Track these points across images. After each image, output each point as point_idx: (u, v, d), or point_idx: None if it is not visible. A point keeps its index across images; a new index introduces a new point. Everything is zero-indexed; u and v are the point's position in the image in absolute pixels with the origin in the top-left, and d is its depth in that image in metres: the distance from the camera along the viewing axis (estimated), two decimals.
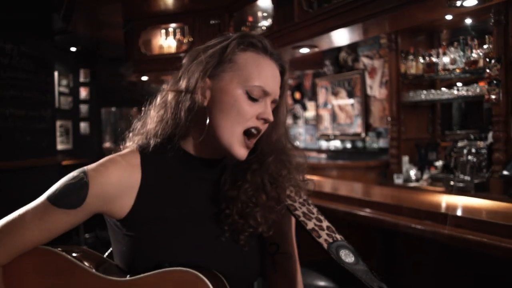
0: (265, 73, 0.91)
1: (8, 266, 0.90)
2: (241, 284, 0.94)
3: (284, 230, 1.01)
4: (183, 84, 0.92)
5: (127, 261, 0.90)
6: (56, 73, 5.99)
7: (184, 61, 0.96)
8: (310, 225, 0.92)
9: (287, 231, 1.02)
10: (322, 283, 1.90)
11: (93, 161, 0.92)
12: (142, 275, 0.86)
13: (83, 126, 7.01)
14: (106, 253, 1.05)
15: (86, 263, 0.90)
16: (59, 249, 0.92)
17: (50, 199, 0.88)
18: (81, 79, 7.00)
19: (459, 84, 3.84)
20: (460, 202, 1.98)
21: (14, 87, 4.48)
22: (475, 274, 1.68)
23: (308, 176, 1.02)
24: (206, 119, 0.90)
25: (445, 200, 2.05)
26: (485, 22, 3.50)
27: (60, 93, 6.59)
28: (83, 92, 7.04)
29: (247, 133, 0.90)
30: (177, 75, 0.96)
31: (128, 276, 0.88)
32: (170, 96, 0.94)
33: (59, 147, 6.10)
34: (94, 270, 0.89)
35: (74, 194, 0.87)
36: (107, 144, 7.35)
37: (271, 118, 0.91)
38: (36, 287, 0.90)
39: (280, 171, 0.95)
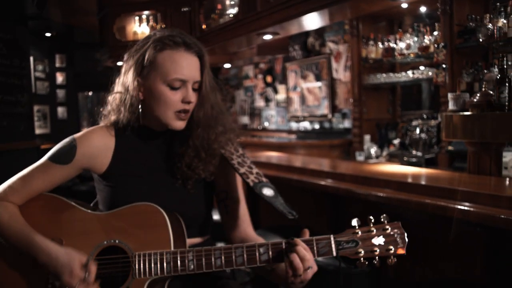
0: (180, 65, 1.17)
1: (23, 207, 1.21)
2: (192, 221, 1.24)
3: (230, 179, 1.32)
4: (121, 86, 1.23)
5: (107, 205, 1.23)
6: (31, 58, 6.06)
7: (123, 62, 1.26)
8: (242, 170, 1.23)
9: (233, 181, 1.32)
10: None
11: None
12: (117, 208, 1.18)
13: (61, 110, 7.13)
14: (92, 203, 1.36)
15: (78, 204, 1.23)
16: (62, 197, 1.24)
17: (49, 158, 1.21)
18: (57, 64, 7.08)
19: (421, 68, 4.15)
20: (392, 170, 2.29)
21: None
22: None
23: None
24: (146, 107, 1.21)
25: (381, 169, 2.36)
26: (437, 10, 3.80)
27: (37, 78, 6.67)
28: (60, 77, 7.13)
29: (178, 113, 1.19)
30: (120, 76, 1.26)
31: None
32: (117, 94, 1.25)
33: (37, 131, 6.22)
34: (83, 208, 1.21)
35: (67, 153, 1.20)
36: (84, 128, 7.47)
37: (192, 99, 1.19)
38: (41, 220, 1.20)
39: (212, 135, 1.24)
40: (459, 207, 1.58)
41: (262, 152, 3.95)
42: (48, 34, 6.70)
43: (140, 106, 1.21)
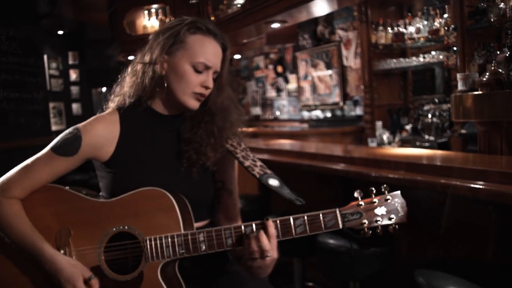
0: (207, 51, 1.20)
1: (24, 200, 1.19)
2: (196, 206, 1.24)
3: (228, 171, 1.35)
4: (147, 58, 1.23)
5: (110, 192, 1.22)
6: (45, 57, 6.16)
7: (150, 38, 1.27)
8: (247, 163, 1.26)
9: (231, 173, 1.35)
10: None
11: None
12: (123, 195, 1.18)
13: (75, 107, 7.24)
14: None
15: (82, 193, 1.22)
16: (65, 186, 1.23)
17: (53, 150, 1.18)
18: (70, 62, 7.17)
19: (433, 52, 4.10)
20: (402, 152, 2.29)
21: (5, 70, 4.67)
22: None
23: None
24: (165, 84, 1.21)
25: (391, 152, 2.36)
26: None
27: (51, 76, 6.78)
28: (73, 74, 7.23)
29: (195, 94, 1.21)
30: (143, 50, 1.26)
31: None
32: (138, 66, 1.25)
33: (53, 128, 6.34)
34: (88, 196, 1.21)
35: (71, 145, 1.17)
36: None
37: (211, 85, 1.21)
38: (47, 212, 1.20)
39: (224, 124, 1.27)
40: (470, 185, 1.59)
41: (275, 140, 3.97)
42: (60, 32, 6.79)
43: (158, 82, 1.22)
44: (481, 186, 1.55)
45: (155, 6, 4.38)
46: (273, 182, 1.21)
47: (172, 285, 1.16)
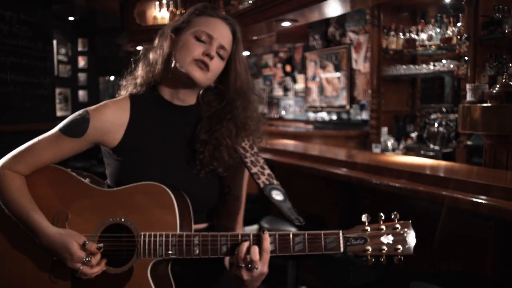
0: (211, 24, 1.19)
1: (28, 178, 1.19)
2: (199, 206, 1.21)
3: (237, 177, 1.30)
4: (158, 43, 1.24)
5: (115, 180, 1.20)
6: (55, 42, 6.16)
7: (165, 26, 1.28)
8: (254, 170, 1.20)
9: (240, 179, 1.31)
10: (288, 228, 2.21)
11: None
12: (123, 186, 1.16)
13: (82, 94, 7.25)
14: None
15: (85, 179, 1.21)
16: (68, 169, 1.22)
17: (61, 130, 1.18)
18: (79, 48, 7.18)
19: (444, 61, 4.05)
20: (405, 160, 2.26)
21: (14, 53, 4.66)
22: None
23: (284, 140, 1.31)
24: (172, 61, 1.19)
25: (394, 159, 2.33)
26: (462, 0, 3.70)
27: (59, 62, 6.79)
28: (82, 61, 7.24)
29: (197, 61, 1.17)
30: (157, 40, 1.26)
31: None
32: (150, 54, 1.24)
33: (58, 113, 6.34)
34: (90, 183, 1.20)
35: (79, 126, 1.17)
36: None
37: (213, 53, 1.17)
38: (48, 193, 1.20)
39: (246, 113, 1.23)
40: (472, 199, 1.56)
41: (278, 140, 3.94)
42: (71, 18, 6.80)
43: (166, 62, 1.21)
44: (483, 201, 1.52)
45: None
46: (277, 195, 1.16)
47: (161, 285, 1.13)
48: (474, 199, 1.55)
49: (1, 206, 1.16)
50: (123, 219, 1.14)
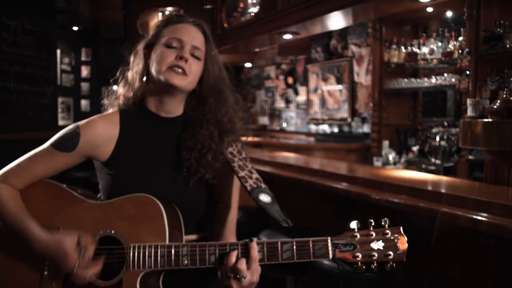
0: (180, 30, 1.22)
1: (22, 192, 1.21)
2: (190, 216, 1.22)
3: (227, 184, 1.31)
4: (133, 64, 1.28)
5: (107, 194, 1.21)
6: (58, 51, 6.20)
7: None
8: (242, 174, 1.21)
9: (229, 185, 1.31)
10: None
11: None
12: (115, 199, 1.17)
13: (84, 103, 7.26)
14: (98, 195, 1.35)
15: (77, 192, 1.22)
16: (62, 184, 1.23)
17: (52, 144, 1.20)
18: (83, 58, 7.21)
19: (446, 74, 4.05)
20: (406, 175, 2.24)
21: (18, 62, 4.68)
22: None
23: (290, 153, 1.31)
24: (151, 74, 1.22)
25: (395, 174, 2.31)
26: (463, 15, 3.71)
27: (62, 71, 6.82)
28: (84, 71, 7.27)
29: (172, 67, 1.18)
30: (132, 58, 1.30)
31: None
32: (128, 72, 1.28)
33: (60, 122, 6.35)
34: (82, 196, 1.21)
35: (70, 141, 1.19)
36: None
37: (185, 55, 1.18)
38: (40, 207, 1.20)
39: (221, 110, 1.24)
40: (472, 216, 1.53)
41: (279, 152, 3.93)
42: (75, 28, 6.85)
43: (146, 78, 1.24)
44: (483, 218, 1.50)
45: (169, 8, 4.39)
46: (264, 197, 1.16)
47: None
48: (475, 216, 1.52)
49: None
50: (113, 231, 1.14)
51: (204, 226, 1.31)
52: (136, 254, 1.10)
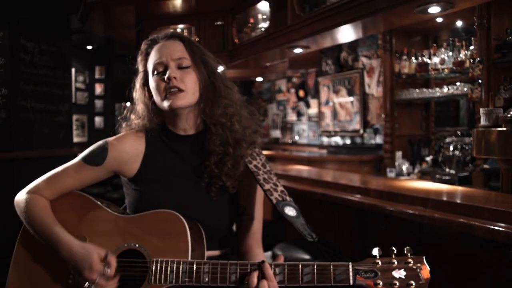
0: (157, 52, 1.25)
1: (52, 202, 1.26)
2: (214, 233, 1.23)
3: (251, 196, 1.33)
4: (136, 97, 1.33)
5: (134, 208, 1.25)
6: (73, 70, 6.34)
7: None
8: (267, 187, 1.23)
9: (253, 198, 1.33)
10: (301, 256, 2.18)
11: None
12: (141, 213, 1.21)
13: (98, 120, 7.38)
14: (122, 206, 1.40)
15: (105, 205, 1.26)
16: (90, 196, 1.29)
17: (83, 159, 1.27)
18: (97, 76, 7.36)
19: (458, 84, 4.03)
20: (420, 186, 2.23)
21: (35, 82, 4.80)
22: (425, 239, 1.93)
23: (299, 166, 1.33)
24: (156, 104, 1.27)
25: (409, 185, 2.30)
26: (473, 24, 3.70)
27: (77, 89, 6.96)
28: (98, 88, 7.41)
29: (166, 93, 1.21)
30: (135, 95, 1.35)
31: None
32: (137, 106, 1.33)
33: (75, 139, 6.46)
34: (109, 209, 1.25)
35: (99, 156, 1.25)
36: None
37: (171, 74, 1.20)
38: (69, 217, 1.25)
39: (218, 109, 1.25)
40: (489, 226, 1.52)
41: (292, 165, 3.93)
42: (89, 47, 7.00)
43: (153, 108, 1.28)
44: (501, 228, 1.49)
45: (180, 26, 4.46)
46: (290, 211, 1.17)
47: None
48: (492, 227, 1.51)
49: (26, 227, 1.24)
50: (137, 245, 1.16)
51: (227, 242, 1.32)
52: (158, 268, 1.12)
